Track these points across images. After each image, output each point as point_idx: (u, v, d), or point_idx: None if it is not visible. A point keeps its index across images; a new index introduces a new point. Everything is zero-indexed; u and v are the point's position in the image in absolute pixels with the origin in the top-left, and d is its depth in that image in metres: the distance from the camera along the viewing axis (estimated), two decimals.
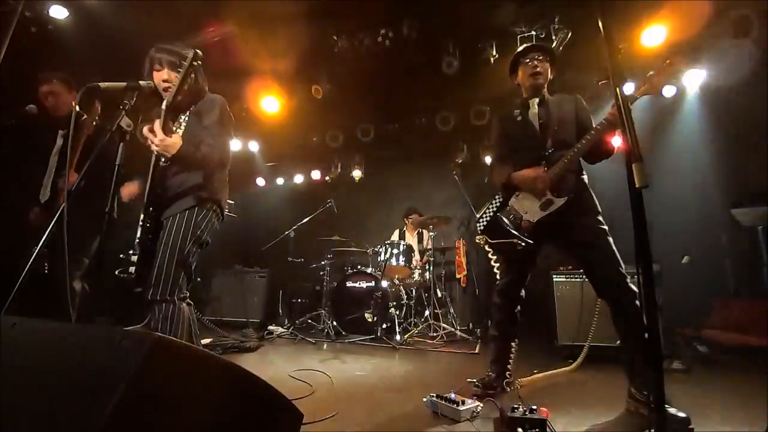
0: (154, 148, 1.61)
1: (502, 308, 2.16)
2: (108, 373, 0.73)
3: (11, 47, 2.59)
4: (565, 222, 1.93)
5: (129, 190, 1.99)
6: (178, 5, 3.36)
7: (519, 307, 2.18)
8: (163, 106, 1.62)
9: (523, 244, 1.96)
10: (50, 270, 1.87)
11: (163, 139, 1.59)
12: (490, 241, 2.10)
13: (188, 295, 1.75)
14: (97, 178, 1.58)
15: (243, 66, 4.06)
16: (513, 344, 2.19)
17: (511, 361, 2.18)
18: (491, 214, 2.13)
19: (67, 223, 1.45)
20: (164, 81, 1.73)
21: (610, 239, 1.86)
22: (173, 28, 3.43)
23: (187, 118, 1.82)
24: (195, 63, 1.63)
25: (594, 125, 1.91)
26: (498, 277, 2.21)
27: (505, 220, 2.04)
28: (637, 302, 1.71)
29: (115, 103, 1.57)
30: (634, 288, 1.75)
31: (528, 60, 2.11)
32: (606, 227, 1.90)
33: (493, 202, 2.15)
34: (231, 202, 1.99)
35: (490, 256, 2.24)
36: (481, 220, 2.16)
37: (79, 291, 2.30)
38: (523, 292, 2.17)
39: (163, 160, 1.71)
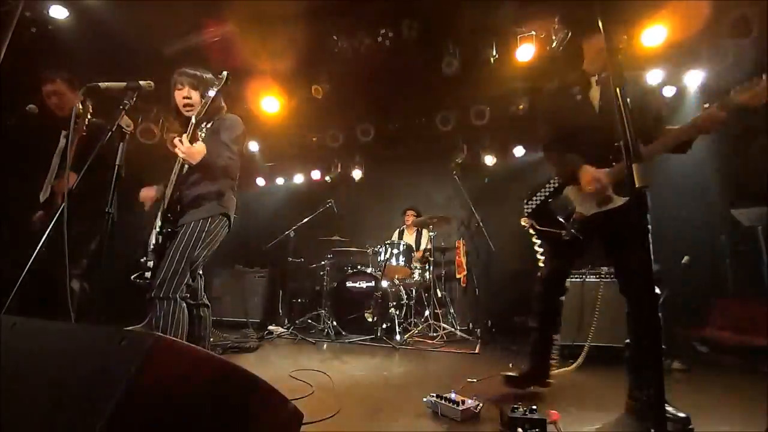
0: (180, 155, 1.74)
1: (543, 299, 2.02)
2: (108, 373, 0.73)
3: (11, 47, 2.58)
4: (619, 221, 1.76)
5: (148, 194, 2.02)
6: (178, 5, 3.36)
7: (562, 298, 2.04)
8: (193, 120, 1.82)
9: (569, 237, 1.84)
10: (50, 270, 1.86)
11: (189, 147, 1.73)
12: (536, 226, 2.00)
13: (189, 296, 1.83)
14: (97, 177, 1.58)
15: (243, 66, 4.05)
16: (555, 337, 2.06)
17: (552, 354, 2.05)
18: (542, 198, 2.00)
19: (66, 223, 1.45)
20: (185, 98, 1.92)
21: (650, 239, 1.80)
22: (173, 28, 3.43)
23: (203, 133, 1.95)
24: (228, 84, 1.84)
25: (675, 125, 1.74)
26: (541, 264, 2.06)
27: (556, 209, 1.91)
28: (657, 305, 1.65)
29: (115, 103, 1.57)
30: (658, 290, 1.70)
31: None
32: (650, 226, 1.78)
33: (548, 186, 2.01)
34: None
35: (534, 240, 2.10)
36: (530, 202, 2.04)
37: (78, 291, 2.30)
38: (567, 283, 2.03)
39: (186, 165, 1.84)
